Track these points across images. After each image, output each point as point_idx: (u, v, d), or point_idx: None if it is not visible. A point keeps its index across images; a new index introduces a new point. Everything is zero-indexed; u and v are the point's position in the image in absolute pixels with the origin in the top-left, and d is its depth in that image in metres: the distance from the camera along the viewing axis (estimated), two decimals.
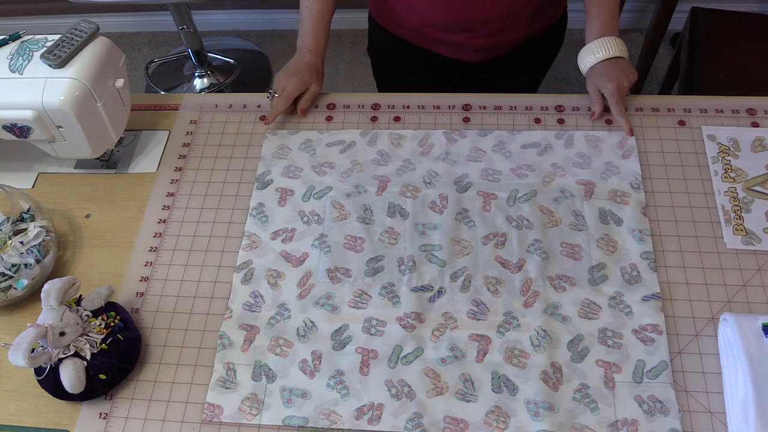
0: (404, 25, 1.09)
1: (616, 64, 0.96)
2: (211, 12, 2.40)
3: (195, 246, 0.90)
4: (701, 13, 1.50)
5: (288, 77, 0.99)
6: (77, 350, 0.75)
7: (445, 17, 1.03)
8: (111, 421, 0.77)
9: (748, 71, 1.40)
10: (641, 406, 0.74)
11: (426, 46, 1.11)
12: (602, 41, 0.96)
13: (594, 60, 0.96)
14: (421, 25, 1.07)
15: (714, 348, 0.77)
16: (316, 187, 0.94)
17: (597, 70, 0.96)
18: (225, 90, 2.24)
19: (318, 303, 0.84)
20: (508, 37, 1.08)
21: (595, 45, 0.96)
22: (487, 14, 1.02)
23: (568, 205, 0.89)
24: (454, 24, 1.04)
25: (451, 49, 1.09)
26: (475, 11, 1.01)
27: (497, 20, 1.03)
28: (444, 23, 1.04)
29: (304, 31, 1.02)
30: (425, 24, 1.06)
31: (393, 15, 1.09)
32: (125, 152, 1.02)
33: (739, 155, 0.92)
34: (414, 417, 0.75)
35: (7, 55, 0.89)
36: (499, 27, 1.04)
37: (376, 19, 1.15)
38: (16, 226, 0.86)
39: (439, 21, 1.04)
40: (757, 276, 0.82)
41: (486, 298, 0.82)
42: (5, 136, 0.90)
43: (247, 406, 0.77)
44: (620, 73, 0.95)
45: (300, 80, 0.99)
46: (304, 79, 0.99)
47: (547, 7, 1.08)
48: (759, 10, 2.14)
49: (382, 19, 1.13)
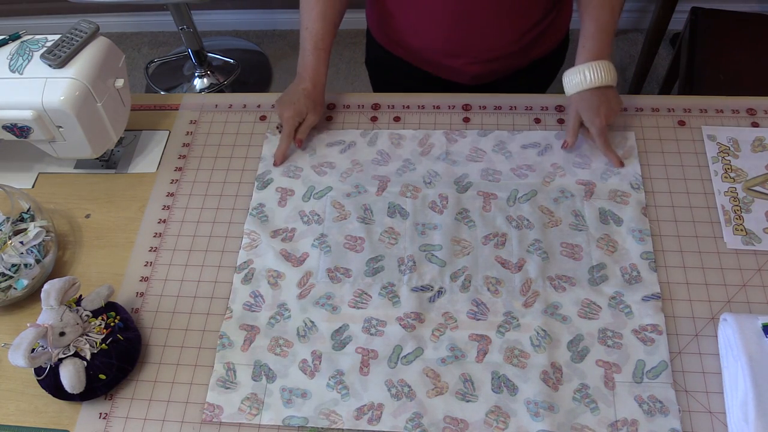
0: (404, 47, 1.08)
1: (604, 94, 0.90)
2: (211, 12, 2.40)
3: (195, 246, 0.90)
4: (701, 13, 1.50)
5: (284, 107, 0.96)
6: (77, 350, 0.75)
7: (445, 46, 1.02)
8: (111, 421, 0.77)
9: (748, 71, 1.40)
10: (641, 406, 0.74)
11: (425, 68, 1.10)
12: (594, 66, 0.89)
13: (582, 87, 0.90)
14: (421, 48, 1.06)
15: (714, 348, 0.77)
16: (316, 187, 0.94)
17: (584, 97, 0.90)
18: (225, 90, 2.24)
19: (318, 303, 0.84)
20: (506, 65, 1.07)
21: (587, 69, 0.90)
22: (487, 43, 1.01)
23: (568, 205, 0.89)
24: (453, 51, 1.03)
25: (449, 72, 1.08)
26: (475, 41, 1.00)
27: (497, 49, 1.02)
28: (444, 49, 1.04)
29: (303, 54, 0.98)
30: (425, 48, 1.05)
31: (394, 35, 1.08)
32: (125, 152, 1.02)
33: (739, 155, 0.92)
34: (414, 417, 0.75)
35: (7, 55, 0.89)
36: (499, 55, 1.03)
37: (376, 37, 1.14)
38: (16, 226, 0.86)
39: (439, 47, 1.03)
40: (757, 276, 0.82)
41: (486, 298, 0.82)
42: (5, 136, 0.90)
43: (247, 406, 0.77)
44: (608, 107, 0.90)
45: (296, 111, 0.95)
46: (300, 110, 0.95)
47: (548, 36, 1.06)
48: (759, 10, 2.14)
49: (383, 38, 1.12)
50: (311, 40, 0.96)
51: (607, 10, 0.91)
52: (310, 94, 0.96)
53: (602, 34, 0.91)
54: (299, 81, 0.97)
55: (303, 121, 0.96)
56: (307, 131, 0.97)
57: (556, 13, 1.04)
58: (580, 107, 0.91)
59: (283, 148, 0.96)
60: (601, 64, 0.89)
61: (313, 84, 0.96)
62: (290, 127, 0.95)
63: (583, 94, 0.90)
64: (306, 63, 0.97)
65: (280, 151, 0.96)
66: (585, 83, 0.90)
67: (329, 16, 0.97)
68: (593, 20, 0.91)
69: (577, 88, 0.91)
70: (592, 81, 0.89)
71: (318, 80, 0.97)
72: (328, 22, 0.97)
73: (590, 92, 0.90)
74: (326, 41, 0.97)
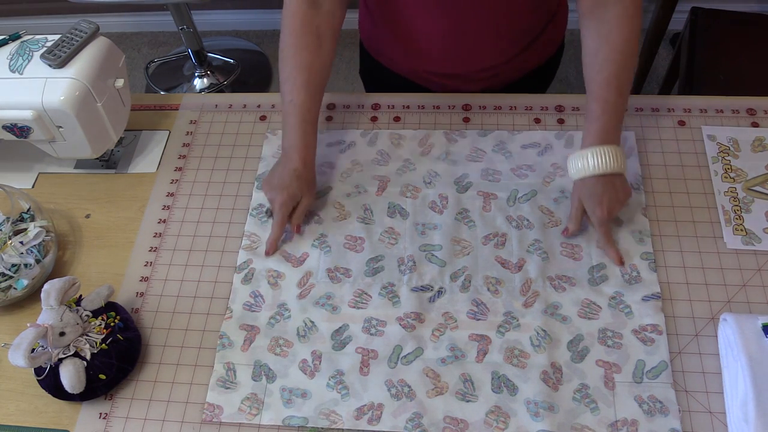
0: (398, 63, 1.07)
1: (610, 182, 0.82)
2: (211, 12, 2.40)
3: (195, 246, 0.90)
4: (701, 13, 1.50)
5: (274, 192, 0.87)
6: (77, 350, 0.75)
7: (440, 68, 1.02)
8: (111, 421, 0.77)
9: (748, 71, 1.40)
10: (641, 407, 0.74)
11: (419, 83, 1.09)
12: (598, 152, 0.82)
13: (584, 173, 0.83)
14: (416, 68, 1.05)
15: (714, 348, 0.77)
16: (316, 187, 0.94)
17: (587, 185, 0.83)
18: (225, 90, 2.25)
19: (318, 303, 0.84)
20: (502, 80, 1.06)
21: (590, 155, 0.82)
22: (483, 62, 1.00)
23: (568, 205, 0.89)
24: (448, 72, 1.02)
25: (445, 89, 1.07)
26: (470, 61, 0.99)
27: (493, 68, 1.01)
28: (439, 71, 1.03)
29: (289, 129, 0.87)
30: (419, 69, 1.04)
31: (388, 53, 1.07)
32: (125, 152, 1.02)
33: (739, 155, 0.92)
34: (414, 417, 0.75)
35: (7, 55, 0.89)
36: (496, 72, 1.02)
37: (369, 51, 1.12)
38: (16, 226, 0.86)
39: (435, 69, 1.03)
40: (757, 276, 0.82)
41: (486, 298, 0.82)
42: (5, 136, 0.90)
43: (247, 406, 0.77)
44: (613, 196, 0.82)
45: (289, 196, 0.86)
46: (293, 195, 0.86)
47: (544, 46, 1.05)
48: (759, 10, 2.14)
49: (376, 53, 1.10)
50: (297, 113, 0.87)
51: (613, 90, 0.83)
52: (302, 175, 0.86)
53: (608, 116, 0.83)
54: (287, 161, 0.87)
55: (297, 206, 0.88)
56: (303, 216, 0.89)
57: (552, 25, 1.03)
58: (582, 195, 0.84)
59: (276, 236, 0.87)
60: (607, 150, 0.81)
61: (303, 163, 0.87)
62: (283, 215, 0.87)
63: (585, 181, 0.83)
64: (293, 139, 0.87)
65: (272, 240, 0.87)
66: (588, 170, 0.82)
67: (314, 85, 0.88)
68: (598, 101, 0.83)
69: (579, 174, 0.84)
70: (595, 168, 0.82)
71: (308, 158, 0.88)
72: (314, 91, 0.89)
73: (594, 179, 0.82)
74: (313, 113, 0.88)
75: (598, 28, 0.83)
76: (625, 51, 0.82)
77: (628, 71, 0.83)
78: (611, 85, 0.82)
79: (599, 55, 0.83)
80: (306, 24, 0.88)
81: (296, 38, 0.88)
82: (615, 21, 0.82)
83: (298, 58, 0.87)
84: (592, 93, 0.84)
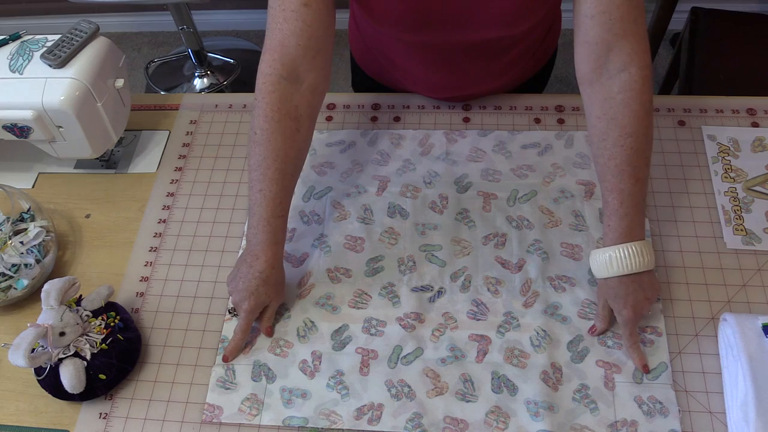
0: (391, 83, 1.06)
1: (635, 281, 0.75)
2: (211, 12, 2.40)
3: (195, 246, 0.90)
4: (701, 13, 1.50)
5: (239, 296, 0.79)
6: (77, 350, 0.75)
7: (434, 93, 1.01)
8: (111, 421, 0.77)
9: (748, 71, 1.40)
10: (641, 407, 0.74)
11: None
12: (621, 251, 0.74)
13: (607, 274, 0.76)
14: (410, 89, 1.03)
15: (714, 348, 0.77)
16: (316, 187, 0.94)
17: (610, 285, 0.76)
18: (225, 90, 2.24)
19: (318, 303, 0.84)
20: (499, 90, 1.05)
21: (615, 255, 0.74)
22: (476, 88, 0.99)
23: (568, 205, 0.89)
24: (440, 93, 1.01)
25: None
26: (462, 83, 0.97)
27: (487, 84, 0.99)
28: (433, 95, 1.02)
29: (257, 223, 0.78)
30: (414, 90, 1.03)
31: (380, 73, 1.05)
32: (125, 152, 1.02)
33: (739, 155, 0.92)
34: (414, 417, 0.75)
35: (7, 55, 0.89)
36: (491, 88, 1.01)
37: (362, 66, 1.10)
38: (16, 226, 0.86)
39: (428, 92, 1.02)
40: (757, 276, 0.82)
41: (486, 298, 0.82)
42: (5, 136, 0.90)
43: (247, 406, 0.77)
44: (640, 296, 0.75)
45: (256, 303, 0.78)
46: (260, 301, 0.79)
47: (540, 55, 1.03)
48: (759, 10, 2.14)
49: (369, 69, 1.09)
50: (268, 206, 0.78)
51: (627, 178, 0.74)
52: (269, 279, 0.78)
53: (627, 208, 0.75)
54: (252, 260, 0.78)
55: (265, 310, 0.81)
56: (272, 318, 0.82)
57: (550, 37, 1.01)
58: (608, 295, 0.77)
59: (238, 344, 0.80)
60: (631, 249, 0.74)
61: (271, 265, 0.78)
62: (249, 321, 0.80)
63: (609, 282, 0.76)
64: (261, 235, 0.78)
65: (233, 348, 0.80)
66: (611, 270, 0.75)
67: (288, 175, 0.79)
68: (613, 192, 0.75)
69: (602, 274, 0.77)
70: (619, 270, 0.74)
71: (277, 258, 0.79)
72: (287, 182, 0.80)
73: (617, 280, 0.75)
74: (284, 206, 0.80)
75: (603, 107, 0.75)
76: (637, 132, 0.74)
77: (642, 152, 0.75)
78: (625, 173, 0.74)
79: (608, 139, 0.75)
80: (283, 105, 0.78)
81: (271, 123, 0.78)
82: (621, 98, 0.74)
83: (272, 144, 0.77)
84: (606, 182, 0.76)
